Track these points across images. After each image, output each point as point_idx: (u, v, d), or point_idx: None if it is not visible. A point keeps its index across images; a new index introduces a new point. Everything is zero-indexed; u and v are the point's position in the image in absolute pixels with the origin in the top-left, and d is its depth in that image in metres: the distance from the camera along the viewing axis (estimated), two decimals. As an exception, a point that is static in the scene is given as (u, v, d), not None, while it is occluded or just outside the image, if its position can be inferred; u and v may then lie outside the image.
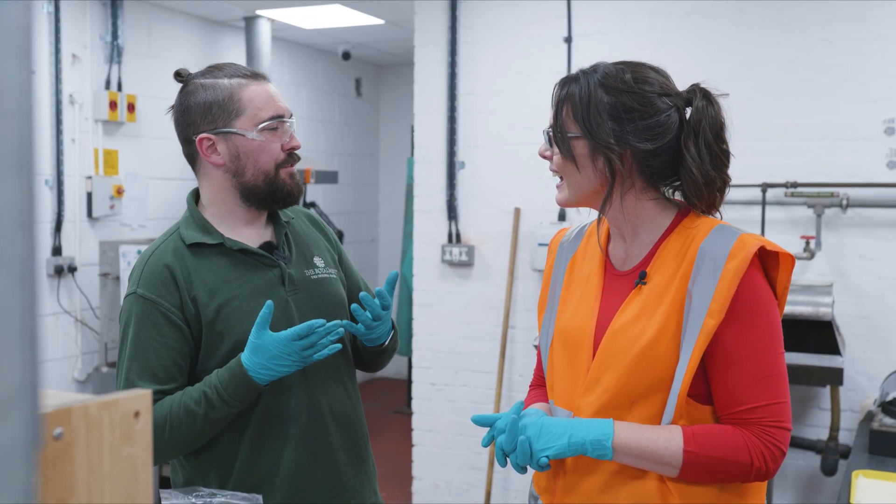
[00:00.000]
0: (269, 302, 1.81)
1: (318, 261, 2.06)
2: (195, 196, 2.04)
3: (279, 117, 1.94)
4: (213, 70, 1.96)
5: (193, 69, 2.00)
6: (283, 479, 1.94)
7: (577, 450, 1.58)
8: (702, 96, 1.65)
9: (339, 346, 1.87)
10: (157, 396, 1.86)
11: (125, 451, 0.81)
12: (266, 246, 1.99)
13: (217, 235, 1.95)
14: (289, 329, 1.82)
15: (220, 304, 1.90)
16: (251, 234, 2.00)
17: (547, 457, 1.59)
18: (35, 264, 0.47)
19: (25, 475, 0.49)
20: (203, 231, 1.95)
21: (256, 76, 1.96)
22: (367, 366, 2.17)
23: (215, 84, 1.92)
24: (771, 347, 1.58)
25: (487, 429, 1.73)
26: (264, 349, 1.80)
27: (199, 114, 1.92)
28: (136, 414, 0.82)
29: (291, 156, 1.98)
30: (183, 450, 1.91)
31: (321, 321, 1.83)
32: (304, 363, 1.84)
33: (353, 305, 1.95)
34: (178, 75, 1.98)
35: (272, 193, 1.96)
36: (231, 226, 1.98)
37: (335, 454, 2.00)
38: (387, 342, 2.05)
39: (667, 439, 1.56)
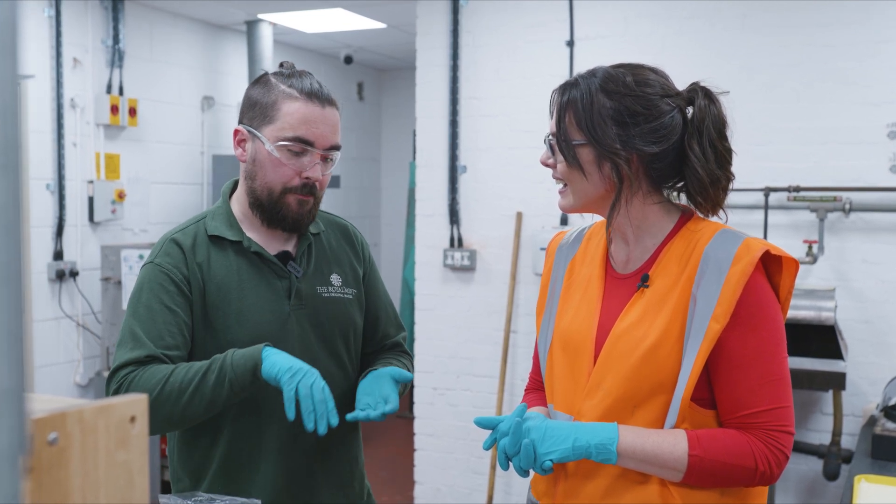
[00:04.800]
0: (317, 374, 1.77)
1: (334, 279, 2.03)
2: (231, 188, 2.04)
3: (305, 142, 1.88)
4: (294, 76, 1.93)
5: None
6: (257, 491, 1.91)
7: (582, 454, 1.57)
8: (703, 95, 1.64)
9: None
10: (162, 357, 1.81)
11: (121, 457, 0.80)
12: (283, 255, 1.97)
13: (239, 233, 1.95)
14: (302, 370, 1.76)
15: (222, 300, 1.89)
16: (274, 239, 1.98)
17: (551, 460, 1.58)
18: (21, 266, 0.46)
19: (12, 481, 0.48)
20: (227, 225, 1.95)
21: (311, 96, 1.89)
22: None
23: (274, 86, 1.91)
24: (775, 352, 1.58)
25: (489, 431, 1.71)
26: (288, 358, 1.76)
27: (247, 106, 1.94)
28: (132, 419, 0.82)
29: (307, 187, 1.91)
30: (169, 416, 1.79)
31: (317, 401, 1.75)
32: (304, 386, 1.73)
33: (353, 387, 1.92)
34: (281, 66, 2.00)
35: (273, 213, 1.92)
36: (255, 226, 1.97)
37: (316, 476, 1.97)
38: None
39: (672, 443, 1.55)
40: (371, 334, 2.14)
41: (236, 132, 1.95)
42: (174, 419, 1.80)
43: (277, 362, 1.75)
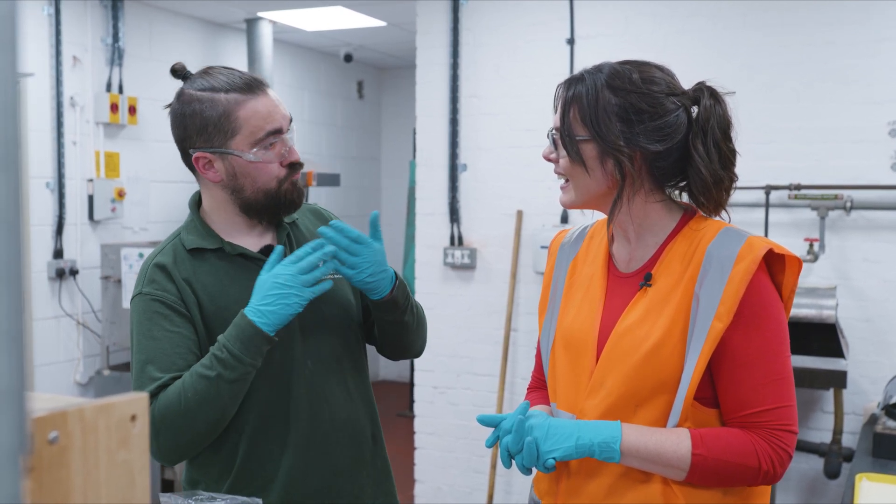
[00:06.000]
0: (278, 247, 1.83)
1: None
2: (197, 200, 2.01)
3: (277, 132, 1.88)
4: (209, 77, 1.89)
5: (194, 71, 1.96)
6: (279, 485, 1.92)
7: (585, 452, 1.57)
8: (709, 95, 1.63)
9: (329, 283, 1.85)
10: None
11: (122, 456, 0.80)
12: (266, 249, 1.96)
13: (217, 240, 1.93)
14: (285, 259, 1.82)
15: (218, 307, 1.88)
16: (252, 237, 1.97)
17: (554, 458, 1.58)
18: (22, 265, 0.46)
19: (13, 480, 0.47)
20: (203, 236, 1.93)
21: (253, 88, 1.87)
22: (394, 343, 2.08)
23: (212, 99, 1.85)
24: (778, 351, 1.57)
25: (491, 430, 1.71)
26: (261, 284, 1.80)
27: (195, 130, 1.87)
28: (133, 418, 0.81)
29: (293, 168, 1.92)
30: (204, 425, 1.80)
31: (309, 247, 1.83)
32: (303, 295, 1.79)
33: (322, 228, 1.89)
34: (175, 72, 1.93)
35: (274, 206, 1.92)
36: (231, 230, 1.96)
37: (334, 460, 1.97)
38: (393, 290, 1.92)
39: (675, 442, 1.55)
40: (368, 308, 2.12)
41: (197, 158, 1.89)
42: (214, 423, 1.82)
43: (269, 317, 1.79)
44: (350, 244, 1.86)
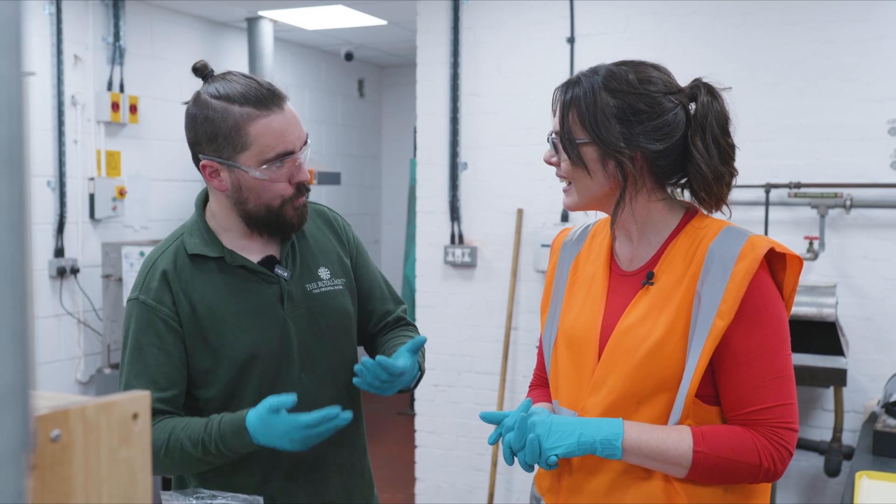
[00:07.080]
0: (293, 396, 1.74)
1: (322, 272, 2.00)
2: (204, 198, 1.99)
3: (287, 154, 1.84)
4: (227, 83, 1.85)
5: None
6: (272, 487, 1.92)
7: (587, 449, 1.57)
8: (706, 91, 1.64)
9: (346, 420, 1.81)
10: (157, 406, 1.82)
11: (123, 454, 0.80)
12: (268, 260, 1.95)
13: (219, 248, 1.91)
14: (302, 417, 1.73)
15: (216, 319, 1.87)
16: (255, 245, 1.95)
17: (556, 455, 1.58)
18: (27, 264, 0.46)
19: (17, 479, 0.48)
20: (206, 242, 1.91)
21: (268, 103, 1.82)
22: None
23: (225, 110, 1.81)
24: (779, 349, 1.58)
25: (493, 427, 1.71)
26: (273, 428, 1.73)
27: (205, 137, 1.84)
28: (135, 416, 0.81)
29: (300, 189, 1.89)
30: (176, 473, 1.93)
31: (335, 411, 1.75)
32: (305, 445, 1.77)
33: (354, 376, 1.87)
34: (197, 70, 1.91)
35: (273, 224, 1.90)
36: (235, 237, 1.94)
37: (326, 468, 1.98)
38: (411, 386, 1.96)
39: (676, 439, 1.56)
40: (371, 315, 2.13)
41: (204, 166, 1.86)
42: (183, 472, 1.93)
43: (265, 442, 1.77)
44: (388, 378, 1.85)
